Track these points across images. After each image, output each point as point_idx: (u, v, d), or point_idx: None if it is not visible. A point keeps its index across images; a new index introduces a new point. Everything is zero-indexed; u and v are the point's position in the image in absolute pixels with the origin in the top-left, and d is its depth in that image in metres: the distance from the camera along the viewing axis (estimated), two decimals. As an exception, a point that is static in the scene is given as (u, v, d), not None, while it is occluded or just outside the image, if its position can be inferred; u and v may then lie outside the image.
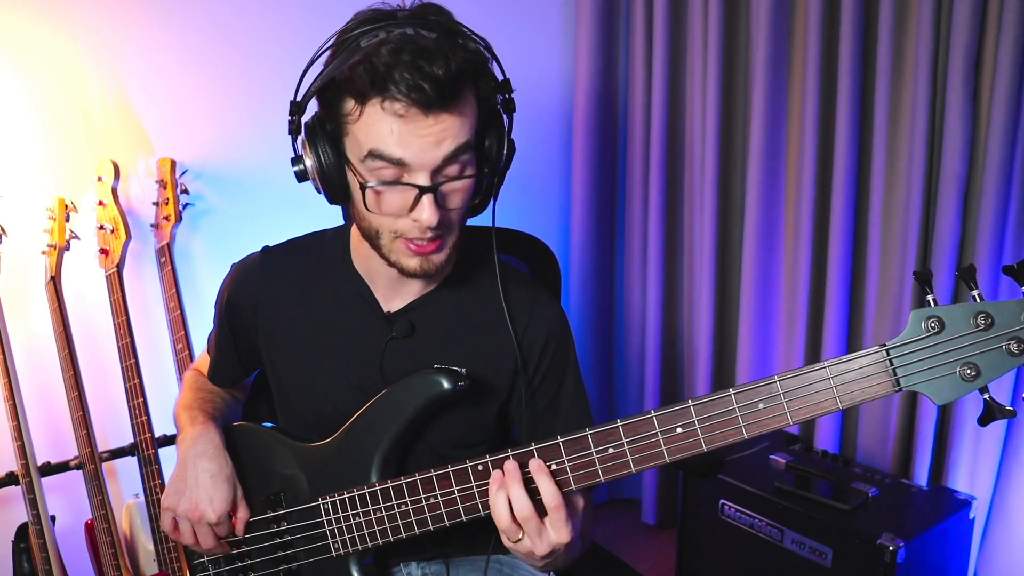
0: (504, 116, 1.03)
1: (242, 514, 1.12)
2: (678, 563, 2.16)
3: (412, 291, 1.14)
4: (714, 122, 2.31)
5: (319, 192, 1.03)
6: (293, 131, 1.01)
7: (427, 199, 0.95)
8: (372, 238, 1.02)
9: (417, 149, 0.92)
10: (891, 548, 1.67)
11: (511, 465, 0.94)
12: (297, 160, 1.01)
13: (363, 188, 0.95)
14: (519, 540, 0.94)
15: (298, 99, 0.99)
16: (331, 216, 1.26)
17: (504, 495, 0.93)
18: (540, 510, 0.93)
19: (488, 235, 1.10)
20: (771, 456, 2.06)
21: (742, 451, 2.13)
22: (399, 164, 0.93)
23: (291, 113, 1.00)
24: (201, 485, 1.08)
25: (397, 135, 0.91)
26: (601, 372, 2.77)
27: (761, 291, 2.33)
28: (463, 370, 1.08)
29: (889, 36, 1.96)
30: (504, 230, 1.50)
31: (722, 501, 1.99)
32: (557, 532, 0.92)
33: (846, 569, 1.76)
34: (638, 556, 2.48)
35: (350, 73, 0.90)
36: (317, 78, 0.97)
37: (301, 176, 1.02)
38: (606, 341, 2.77)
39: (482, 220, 1.20)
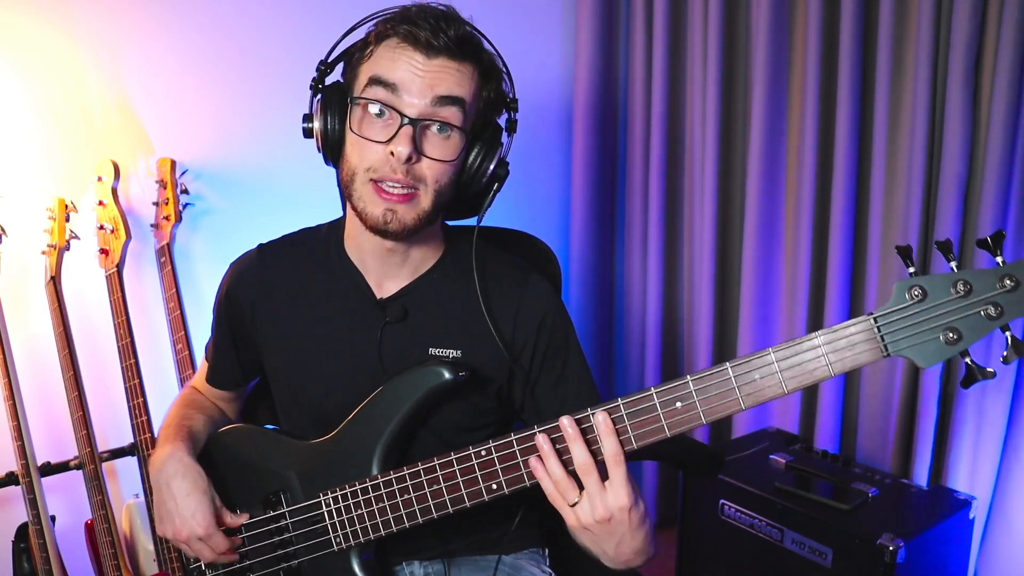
0: (504, 133, 1.10)
1: (229, 520, 1.13)
2: (678, 563, 2.15)
3: (404, 276, 1.15)
4: (714, 122, 2.31)
5: (319, 151, 1.09)
6: (314, 88, 1.08)
7: (405, 130, 1.00)
8: (349, 185, 1.06)
9: (412, 83, 1.01)
10: (891, 548, 1.67)
11: (570, 424, 0.93)
12: (308, 117, 1.08)
13: (353, 101, 1.03)
14: (576, 503, 0.93)
15: (328, 60, 1.08)
16: (329, 215, 1.26)
17: (556, 462, 0.93)
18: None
19: (479, 228, 1.13)
20: (771, 456, 2.06)
21: (742, 451, 2.13)
22: (392, 91, 1.01)
23: (317, 70, 1.08)
24: (180, 505, 1.09)
25: (399, 65, 1.01)
26: (601, 371, 2.77)
27: (761, 291, 2.33)
28: (458, 351, 1.11)
29: (889, 36, 1.96)
30: (504, 230, 1.50)
31: (722, 501, 1.99)
32: (616, 493, 0.92)
33: (846, 569, 1.76)
34: (638, 556, 2.48)
35: (378, 25, 1.04)
36: (349, 42, 1.08)
37: (307, 132, 1.08)
38: (606, 340, 2.76)
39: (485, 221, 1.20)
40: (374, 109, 1.02)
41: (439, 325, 1.15)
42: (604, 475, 0.93)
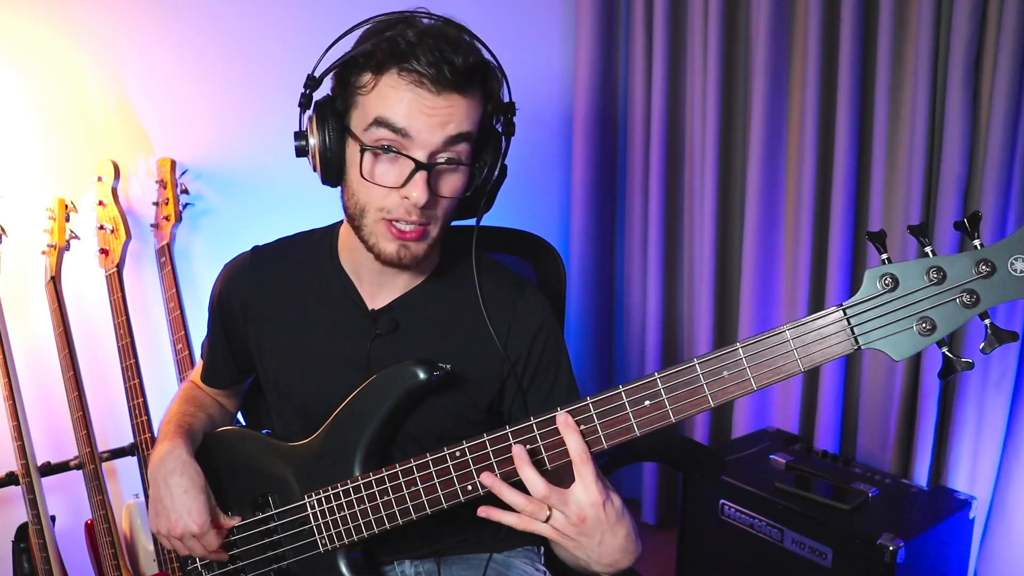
0: (503, 138, 1.07)
1: (223, 521, 1.13)
2: (678, 563, 2.15)
3: (396, 288, 1.14)
4: (714, 122, 2.31)
5: (315, 171, 1.04)
6: (303, 104, 1.03)
7: (420, 176, 0.97)
8: (357, 218, 1.03)
9: (422, 124, 0.96)
10: (891, 548, 1.67)
11: (492, 480, 0.94)
12: (300, 135, 1.03)
13: (363, 150, 0.98)
14: (549, 517, 0.92)
15: (316, 74, 1.02)
16: (330, 216, 1.26)
17: (512, 492, 0.93)
18: (556, 483, 0.93)
19: (475, 231, 1.11)
20: (771, 456, 2.06)
21: (742, 451, 2.13)
22: (402, 135, 0.96)
23: (305, 86, 1.02)
24: (177, 501, 1.09)
25: (407, 106, 0.95)
26: (601, 371, 2.77)
27: (761, 290, 2.33)
28: (449, 365, 1.08)
29: (889, 36, 1.96)
30: (507, 229, 1.50)
31: (722, 501, 1.99)
32: (588, 491, 0.90)
33: (846, 569, 1.76)
34: (638, 556, 2.48)
35: (373, 48, 0.96)
36: (339, 59, 1.00)
37: (300, 151, 1.03)
38: (606, 340, 2.77)
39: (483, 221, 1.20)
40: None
41: (430, 338, 1.14)
42: (571, 479, 0.92)
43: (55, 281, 1.74)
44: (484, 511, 0.95)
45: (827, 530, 1.79)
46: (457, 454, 0.98)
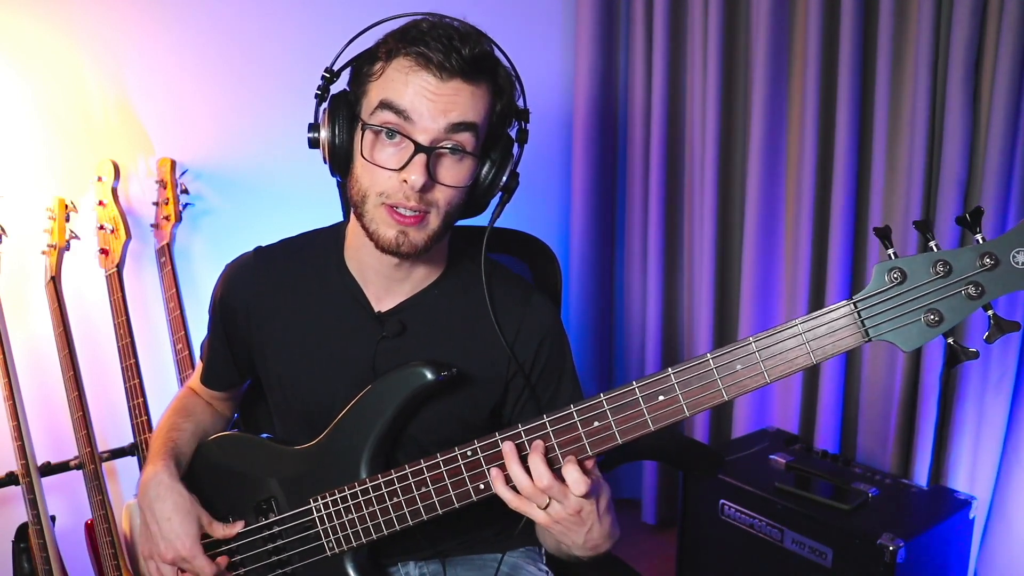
0: (516, 145, 1.09)
1: (221, 532, 1.13)
2: (678, 563, 2.15)
3: (403, 291, 1.14)
4: (714, 122, 2.31)
5: (325, 161, 1.06)
6: (320, 96, 1.05)
7: (419, 159, 0.98)
8: (359, 205, 1.04)
9: (424, 108, 0.97)
10: (891, 548, 1.67)
11: (508, 447, 0.96)
12: (313, 127, 1.05)
13: (365, 128, 1.00)
14: (547, 505, 0.95)
15: (335, 68, 1.05)
16: (329, 216, 1.26)
17: (520, 469, 0.95)
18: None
19: (481, 235, 1.11)
20: (771, 456, 2.06)
21: (742, 451, 2.13)
22: (404, 117, 0.98)
23: (323, 79, 1.05)
24: (164, 528, 1.09)
25: (411, 89, 0.97)
26: (600, 372, 2.77)
27: (761, 291, 2.33)
28: (454, 369, 1.08)
29: (889, 36, 1.96)
30: (504, 230, 1.50)
31: (722, 501, 1.99)
32: (576, 486, 0.93)
33: (846, 569, 1.76)
34: (638, 556, 2.48)
35: (386, 37, 1.00)
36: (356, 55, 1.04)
37: (313, 143, 1.06)
38: (606, 341, 2.76)
39: (482, 223, 1.20)
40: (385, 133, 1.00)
41: (436, 341, 1.14)
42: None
43: (55, 281, 1.74)
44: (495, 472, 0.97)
45: (827, 530, 1.79)
46: (468, 453, 0.99)
